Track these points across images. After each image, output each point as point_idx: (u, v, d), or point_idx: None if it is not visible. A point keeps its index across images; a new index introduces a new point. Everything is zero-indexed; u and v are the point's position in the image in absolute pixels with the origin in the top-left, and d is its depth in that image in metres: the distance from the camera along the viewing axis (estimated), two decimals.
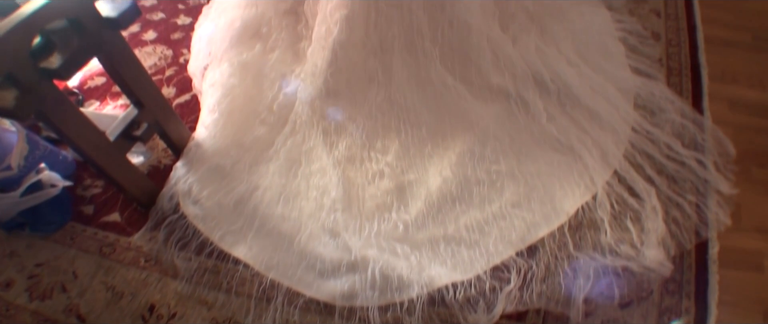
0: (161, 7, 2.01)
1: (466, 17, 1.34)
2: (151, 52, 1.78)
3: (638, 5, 1.95)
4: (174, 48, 1.80)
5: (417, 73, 1.39)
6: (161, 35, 1.87)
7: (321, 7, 1.35)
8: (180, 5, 2.02)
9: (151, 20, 1.95)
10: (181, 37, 1.85)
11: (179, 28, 1.90)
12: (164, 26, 1.91)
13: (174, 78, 1.67)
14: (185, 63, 1.71)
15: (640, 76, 1.57)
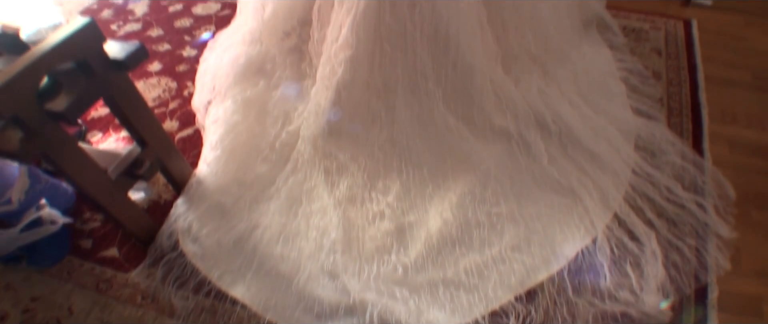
0: (167, 39, 2.03)
1: (469, 59, 1.35)
2: (156, 84, 1.79)
3: (639, 44, 1.98)
4: (178, 80, 1.81)
5: (420, 114, 1.40)
6: (166, 67, 1.88)
7: (325, 48, 1.36)
8: (186, 37, 2.05)
9: (156, 51, 1.97)
10: (186, 69, 1.86)
11: (184, 60, 1.91)
12: (170, 58, 1.93)
13: (177, 111, 1.68)
14: (189, 96, 1.72)
15: (641, 117, 1.59)
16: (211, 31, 2.17)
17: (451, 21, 1.29)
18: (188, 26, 2.11)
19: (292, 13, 1.49)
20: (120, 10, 2.30)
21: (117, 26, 2.17)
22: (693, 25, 2.12)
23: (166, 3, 2.29)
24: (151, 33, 2.09)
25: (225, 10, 2.21)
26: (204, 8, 2.23)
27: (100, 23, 2.17)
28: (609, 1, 2.07)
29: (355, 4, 1.25)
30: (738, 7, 2.31)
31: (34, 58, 0.90)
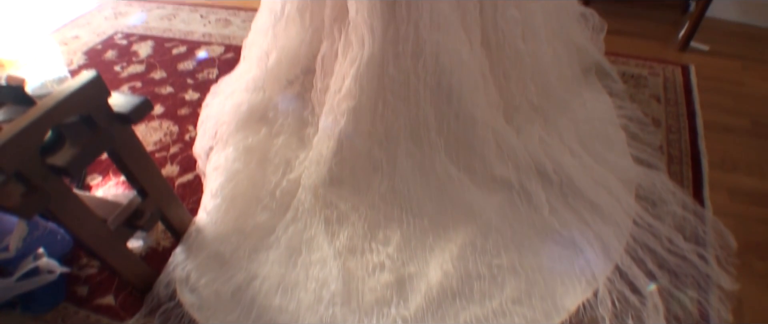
0: (170, 81, 2.05)
1: (472, 110, 1.36)
2: (157, 128, 1.80)
3: (638, 90, 1.99)
4: (180, 124, 1.82)
5: (421, 164, 1.40)
6: (168, 110, 1.89)
7: (328, 97, 1.38)
8: (189, 80, 2.06)
9: (159, 94, 1.99)
10: (188, 113, 1.87)
11: (187, 103, 1.93)
12: (172, 101, 1.94)
13: (178, 156, 1.68)
14: (190, 140, 1.73)
15: (641, 166, 1.59)
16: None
17: (453, 72, 1.30)
18: (191, 69, 2.14)
19: (296, 62, 1.51)
20: (124, 51, 2.33)
21: (120, 67, 2.20)
22: (691, 71, 2.15)
23: (170, 45, 2.32)
24: (154, 75, 2.11)
25: (228, 53, 2.24)
26: (207, 51, 2.26)
27: (104, 64, 2.20)
28: (607, 47, 2.09)
29: (358, 56, 1.27)
30: (735, 52, 2.34)
31: (39, 114, 0.90)
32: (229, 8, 2.71)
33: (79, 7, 2.88)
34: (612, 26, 2.30)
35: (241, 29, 2.48)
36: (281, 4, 1.42)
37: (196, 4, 2.79)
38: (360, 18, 1.24)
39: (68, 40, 2.49)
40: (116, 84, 2.08)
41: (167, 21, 2.60)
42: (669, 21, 2.57)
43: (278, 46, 1.49)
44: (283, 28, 1.46)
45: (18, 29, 2.65)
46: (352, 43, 1.29)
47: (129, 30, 2.54)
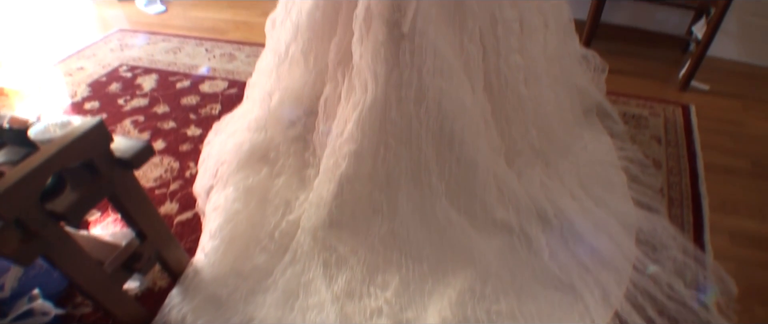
0: (173, 116, 2.06)
1: (473, 155, 1.36)
2: (158, 164, 1.80)
3: (639, 131, 2.00)
4: (181, 160, 1.82)
5: (421, 207, 1.40)
6: (170, 145, 1.90)
7: (330, 140, 1.38)
8: (192, 115, 2.08)
9: (161, 129, 2.00)
10: (190, 149, 1.88)
11: (189, 139, 1.93)
12: (174, 136, 1.95)
13: (178, 193, 1.68)
14: (191, 177, 1.73)
15: (642, 209, 1.58)
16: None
17: (456, 118, 1.31)
18: (194, 104, 2.15)
19: (299, 103, 1.52)
20: (128, 84, 2.34)
21: (124, 100, 2.21)
22: (691, 111, 2.16)
23: (174, 79, 2.34)
24: (157, 109, 2.12)
25: (232, 89, 2.26)
26: (211, 86, 2.28)
27: (108, 97, 2.22)
28: (608, 86, 2.11)
29: (361, 100, 1.28)
30: (735, 91, 2.36)
31: (41, 161, 0.90)
32: (233, 43, 2.75)
33: (85, 38, 2.92)
34: (613, 66, 2.33)
35: (245, 64, 2.50)
36: (286, 46, 1.43)
37: (202, 37, 2.84)
38: (364, 63, 1.26)
39: (73, 71, 2.51)
40: (119, 118, 2.09)
41: (172, 54, 2.63)
42: (670, 60, 2.59)
43: (281, 86, 1.50)
44: (286, 70, 1.48)
45: (24, 59, 2.68)
46: (355, 88, 1.30)
47: (134, 62, 2.56)
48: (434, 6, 1.22)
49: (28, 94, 2.35)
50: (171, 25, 3.10)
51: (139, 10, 3.33)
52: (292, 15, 1.40)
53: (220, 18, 3.18)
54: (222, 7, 3.34)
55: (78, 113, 2.14)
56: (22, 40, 2.95)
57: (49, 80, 2.45)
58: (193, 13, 3.28)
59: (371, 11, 1.22)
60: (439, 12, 1.23)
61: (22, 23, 3.17)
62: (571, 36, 1.67)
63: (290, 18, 1.40)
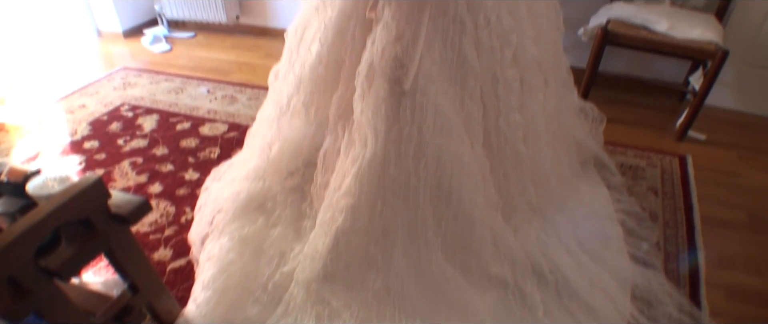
0: (171, 159, 2.07)
1: (470, 211, 1.37)
2: (154, 207, 1.80)
3: (636, 182, 2.01)
4: (177, 205, 1.82)
5: (417, 262, 1.39)
6: (167, 189, 1.90)
7: (328, 193, 1.38)
8: (190, 158, 2.08)
9: (159, 171, 2.00)
10: (187, 193, 1.87)
11: (186, 183, 1.93)
12: (171, 180, 1.95)
13: (172, 239, 1.67)
14: (186, 223, 1.72)
15: (638, 264, 1.57)
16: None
17: (454, 174, 1.32)
18: (194, 147, 2.16)
19: (298, 154, 1.53)
20: (129, 124, 2.36)
21: (123, 141, 2.22)
22: (688, 162, 2.17)
23: (174, 120, 2.36)
24: (156, 151, 2.13)
25: (232, 132, 2.28)
26: (211, 129, 2.30)
27: (108, 136, 2.23)
28: (606, 135, 2.12)
29: (360, 155, 1.28)
30: (731, 141, 2.37)
31: (38, 220, 0.90)
32: (235, 84, 2.78)
33: (89, 74, 2.95)
34: (611, 115, 2.35)
35: (246, 107, 2.52)
36: (288, 98, 1.45)
37: (204, 78, 2.87)
38: (364, 118, 1.27)
39: (75, 109, 2.53)
40: (118, 158, 2.09)
41: (174, 94, 2.66)
42: (667, 109, 2.62)
43: (281, 137, 1.51)
44: (287, 121, 1.49)
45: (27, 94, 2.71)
46: (354, 142, 1.31)
47: (136, 101, 2.58)
48: (436, 65, 1.24)
49: (29, 130, 2.37)
50: (175, 64, 3.14)
51: (145, 47, 3.37)
52: (295, 68, 1.42)
53: (224, 58, 3.22)
54: (225, 48, 3.39)
55: (77, 152, 2.15)
56: (26, 74, 2.99)
57: (50, 117, 2.47)
58: (197, 52, 3.33)
59: (374, 68, 1.24)
60: (441, 71, 1.25)
61: (28, 57, 3.21)
62: (570, 89, 1.69)
63: (293, 71, 1.42)
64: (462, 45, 1.24)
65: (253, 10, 3.52)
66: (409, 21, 1.20)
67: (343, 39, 1.31)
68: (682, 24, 2.22)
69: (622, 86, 2.77)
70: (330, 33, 1.32)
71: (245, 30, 3.61)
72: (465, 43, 1.24)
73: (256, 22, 3.57)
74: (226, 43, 3.49)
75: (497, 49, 1.26)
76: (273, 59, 3.08)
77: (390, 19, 1.21)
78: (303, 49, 1.40)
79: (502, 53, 1.27)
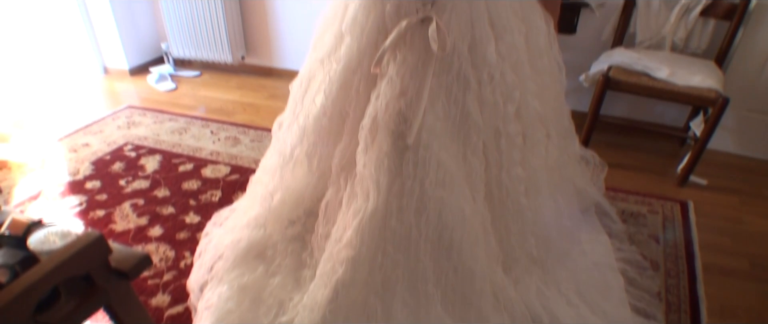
0: (173, 201, 2.07)
1: (471, 264, 1.36)
2: (154, 251, 1.79)
3: (638, 230, 2.00)
4: (177, 249, 1.81)
5: (416, 315, 1.38)
6: (167, 232, 1.89)
7: (329, 245, 1.38)
8: (192, 201, 2.08)
9: (160, 214, 2.00)
10: (187, 237, 1.87)
11: (186, 226, 1.93)
12: (172, 223, 1.95)
13: (171, 284, 1.65)
14: (185, 269, 1.71)
15: (639, 316, 1.56)
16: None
17: (455, 227, 1.32)
18: (195, 189, 2.16)
19: (300, 203, 1.53)
20: (132, 164, 2.37)
21: (125, 181, 2.23)
22: (690, 208, 2.17)
23: (177, 161, 2.37)
24: (158, 193, 2.13)
25: (233, 175, 2.28)
26: (213, 171, 2.30)
27: (110, 177, 2.24)
28: (607, 180, 2.13)
29: (362, 208, 1.28)
30: (732, 186, 2.38)
31: (39, 277, 0.90)
32: (239, 125, 2.81)
33: (94, 112, 2.98)
34: (612, 159, 2.36)
35: (248, 149, 2.54)
36: (291, 148, 1.46)
37: (208, 119, 2.90)
38: (367, 172, 1.28)
39: (78, 147, 2.54)
40: (119, 199, 2.10)
41: (178, 135, 2.68)
42: (668, 153, 2.63)
43: (284, 186, 1.52)
44: (290, 171, 1.49)
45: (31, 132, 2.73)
46: (357, 195, 1.31)
47: (139, 141, 2.60)
48: (440, 120, 1.26)
49: (31, 168, 2.38)
50: (179, 103, 3.17)
51: (150, 86, 3.42)
52: (299, 119, 1.43)
53: (228, 99, 3.26)
54: (230, 88, 3.43)
55: (79, 192, 2.15)
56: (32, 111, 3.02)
57: (53, 155, 2.48)
58: (202, 92, 3.37)
59: (377, 122, 1.25)
60: (444, 126, 1.27)
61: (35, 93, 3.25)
62: (572, 138, 1.70)
63: (297, 122, 1.44)
64: (465, 101, 1.25)
65: (258, 51, 3.58)
66: (413, 77, 1.22)
67: (347, 92, 1.33)
68: (683, 71, 2.25)
69: (624, 130, 2.79)
70: (335, 86, 1.33)
71: (250, 70, 3.66)
72: (468, 99, 1.25)
73: (261, 62, 3.62)
74: (232, 82, 3.53)
75: (500, 105, 1.28)
76: (277, 100, 3.13)
77: (395, 74, 1.23)
78: (307, 101, 1.41)
79: (505, 109, 1.28)
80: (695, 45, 2.50)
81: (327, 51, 1.36)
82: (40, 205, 2.09)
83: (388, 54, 1.23)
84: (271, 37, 3.47)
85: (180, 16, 3.35)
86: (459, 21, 1.20)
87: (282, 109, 1.59)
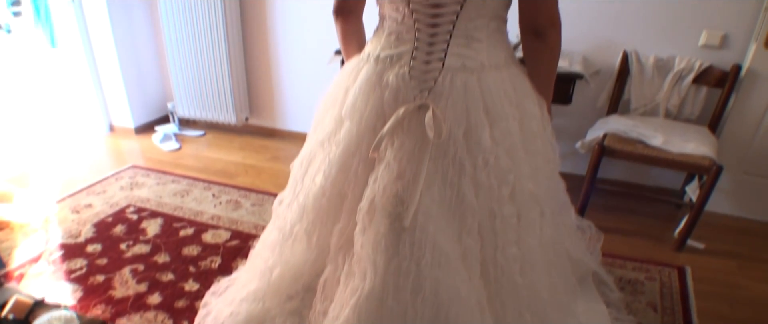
0: (173, 267, 2.08)
1: None
2: (152, 320, 1.79)
3: (635, 298, 2.01)
4: (175, 318, 1.81)
5: None
6: (166, 300, 1.89)
7: (327, 323, 1.39)
8: (191, 267, 2.10)
9: (159, 280, 2.01)
10: (185, 305, 1.87)
11: (186, 294, 1.93)
12: (171, 290, 1.95)
13: None
14: None
15: None
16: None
17: (451, 305, 1.32)
18: (195, 255, 2.17)
19: (299, 278, 1.54)
20: (133, 227, 2.39)
21: (126, 245, 2.24)
22: (687, 274, 2.17)
23: (178, 225, 2.40)
24: (158, 258, 2.14)
25: (233, 240, 2.30)
26: (213, 236, 2.32)
27: (111, 240, 2.26)
28: (604, 246, 2.13)
29: (359, 288, 1.30)
30: (730, 249, 2.39)
31: None
32: (241, 189, 2.84)
33: (98, 170, 3.03)
34: (609, 224, 2.39)
35: (249, 214, 2.56)
36: (291, 225, 1.49)
37: (210, 181, 2.94)
38: (364, 252, 1.30)
39: (81, 208, 2.57)
40: (119, 264, 2.11)
41: (180, 197, 2.71)
42: (664, 216, 2.66)
43: (283, 261, 1.54)
44: (289, 247, 1.52)
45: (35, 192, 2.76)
46: (354, 274, 1.33)
47: (142, 203, 2.63)
48: (436, 203, 1.29)
49: (34, 229, 2.40)
50: (182, 164, 3.22)
51: (154, 145, 3.48)
52: (299, 198, 1.47)
53: (231, 160, 3.30)
54: (233, 149, 3.49)
55: (80, 255, 2.17)
56: (36, 169, 3.06)
57: (55, 216, 2.51)
58: (206, 152, 3.43)
59: (375, 204, 1.28)
60: (440, 208, 1.30)
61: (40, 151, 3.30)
62: (567, 210, 1.73)
63: (297, 200, 1.47)
64: (461, 184, 1.29)
65: (262, 112, 3.66)
66: (410, 161, 1.26)
67: (346, 174, 1.37)
68: (677, 138, 2.30)
69: (621, 193, 2.82)
70: (334, 168, 1.37)
71: (254, 131, 3.74)
72: (464, 183, 1.29)
73: (264, 123, 3.70)
74: (235, 143, 3.59)
75: (495, 188, 1.31)
76: (279, 162, 3.18)
77: (392, 159, 1.27)
78: (307, 181, 1.45)
79: (499, 191, 1.32)
80: (689, 111, 2.57)
81: (327, 133, 1.40)
82: (40, 268, 2.10)
83: (386, 140, 1.28)
84: (274, 99, 3.56)
85: (187, 77, 3.45)
86: (455, 108, 1.25)
87: (284, 172, 1.63)
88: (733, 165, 2.57)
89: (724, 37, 2.44)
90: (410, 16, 1.27)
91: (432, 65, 1.27)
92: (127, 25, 3.44)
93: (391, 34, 1.32)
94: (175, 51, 3.38)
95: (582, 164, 2.75)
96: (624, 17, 2.56)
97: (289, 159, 1.58)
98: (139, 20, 3.51)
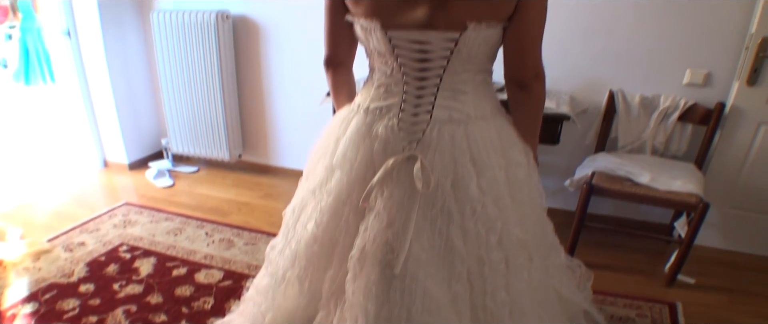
0: (165, 308, 2.08)
1: None
2: None
3: None
4: None
5: None
6: None
7: None
8: (184, 308, 2.09)
9: (152, 322, 2.00)
10: None
11: None
12: None
13: None
14: None
15: None
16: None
17: None
18: (188, 296, 2.17)
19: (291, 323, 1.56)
20: (126, 267, 2.39)
21: (119, 286, 2.24)
22: (678, 310, 2.18)
23: (171, 265, 2.40)
24: (151, 299, 2.14)
25: (226, 280, 2.30)
26: (206, 276, 2.33)
27: (104, 280, 2.26)
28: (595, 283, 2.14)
29: None
30: (721, 284, 2.40)
31: None
32: (234, 227, 2.84)
33: (91, 208, 3.04)
34: (599, 261, 2.40)
35: (242, 252, 2.57)
36: (283, 271, 1.51)
37: (204, 219, 2.95)
38: (355, 299, 1.32)
39: (74, 247, 2.57)
40: (112, 305, 2.10)
41: (173, 236, 2.72)
42: (654, 251, 2.68)
43: (275, 306, 1.55)
44: (282, 292, 1.53)
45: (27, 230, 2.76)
46: (345, 321, 1.34)
47: (135, 242, 2.63)
48: (425, 251, 1.31)
49: (26, 268, 2.39)
50: (176, 201, 3.23)
51: (148, 181, 3.49)
52: (291, 244, 1.49)
53: (224, 197, 3.31)
54: (227, 186, 3.51)
55: (73, 295, 2.16)
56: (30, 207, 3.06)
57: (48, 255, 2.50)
58: (199, 189, 3.44)
59: (365, 252, 1.31)
60: (430, 256, 1.32)
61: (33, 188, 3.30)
62: (556, 251, 1.75)
63: (289, 247, 1.49)
64: (449, 232, 1.32)
65: (255, 149, 3.69)
66: (399, 210, 1.29)
67: (337, 222, 1.40)
68: (664, 176, 2.33)
69: (610, 230, 2.84)
70: (325, 216, 1.40)
71: (247, 167, 3.76)
72: (452, 231, 1.32)
73: (258, 160, 3.73)
74: (228, 179, 3.61)
75: (483, 236, 1.34)
76: (272, 199, 3.20)
77: (382, 209, 1.30)
78: (299, 227, 1.47)
79: (487, 238, 1.34)
80: (675, 148, 2.61)
81: (318, 182, 1.44)
82: (32, 308, 2.09)
83: (376, 190, 1.31)
84: (267, 136, 3.59)
85: (181, 113, 3.48)
86: (442, 159, 1.29)
87: (276, 209, 1.65)
88: (721, 200, 2.60)
89: (708, 75, 2.50)
90: (399, 70, 1.31)
91: (420, 117, 1.31)
92: (123, 61, 3.49)
93: (381, 86, 1.37)
94: (169, 87, 3.42)
95: (571, 200, 2.78)
96: (609, 57, 2.62)
97: (282, 196, 1.61)
98: (134, 56, 3.56)
